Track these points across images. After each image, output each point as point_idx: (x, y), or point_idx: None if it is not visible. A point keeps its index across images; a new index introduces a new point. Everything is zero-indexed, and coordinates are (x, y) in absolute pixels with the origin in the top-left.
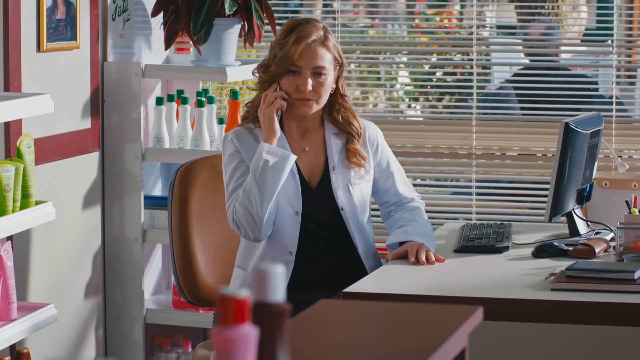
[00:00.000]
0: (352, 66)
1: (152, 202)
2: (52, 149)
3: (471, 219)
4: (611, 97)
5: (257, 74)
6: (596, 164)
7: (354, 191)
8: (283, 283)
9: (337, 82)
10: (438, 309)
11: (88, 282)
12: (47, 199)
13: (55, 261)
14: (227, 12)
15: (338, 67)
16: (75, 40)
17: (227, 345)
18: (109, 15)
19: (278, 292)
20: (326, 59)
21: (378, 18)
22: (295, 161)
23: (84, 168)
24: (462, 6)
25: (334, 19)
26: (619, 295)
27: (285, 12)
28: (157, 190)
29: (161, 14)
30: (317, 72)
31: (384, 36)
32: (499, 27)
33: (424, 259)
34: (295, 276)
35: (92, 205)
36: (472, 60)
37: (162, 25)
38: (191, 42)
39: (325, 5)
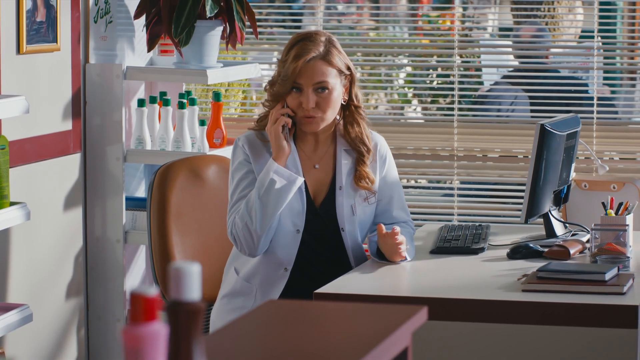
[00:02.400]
0: None
1: (134, 204)
2: (32, 150)
3: (453, 220)
4: (599, 98)
5: (266, 92)
6: (573, 165)
7: (358, 213)
8: (199, 282)
9: (350, 93)
10: (383, 308)
11: (69, 282)
12: (28, 200)
13: (36, 262)
14: (208, 14)
15: (347, 77)
16: (56, 42)
17: (136, 343)
18: (90, 18)
19: (194, 290)
20: (328, 73)
21: (367, 20)
22: (304, 179)
23: (65, 169)
24: (465, 8)
25: (339, 21)
26: (590, 297)
27: (291, 14)
28: (141, 192)
29: (144, 16)
30: (320, 88)
31: (378, 38)
32: (501, 29)
33: (399, 239)
34: (287, 290)
35: (73, 206)
36: (453, 62)
37: (145, 28)
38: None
39: (327, 8)
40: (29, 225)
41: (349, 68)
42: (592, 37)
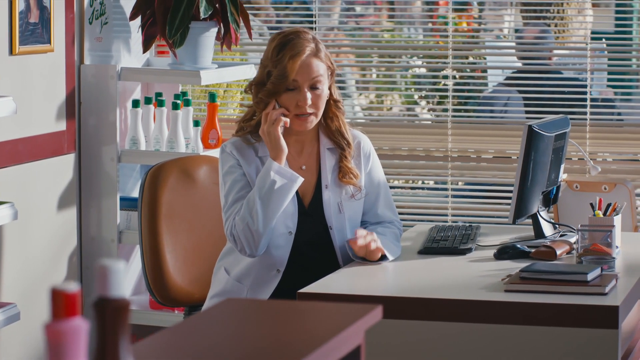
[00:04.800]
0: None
1: (128, 204)
2: (26, 150)
3: (447, 221)
4: (602, 99)
5: (250, 92)
6: (563, 166)
7: (345, 210)
8: (125, 278)
9: (330, 88)
10: (339, 307)
11: (64, 282)
12: (21, 200)
13: (30, 261)
14: (202, 15)
15: (330, 74)
16: (50, 43)
17: (57, 338)
18: (85, 19)
19: (120, 287)
20: (321, 69)
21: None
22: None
23: (60, 169)
24: (481, 10)
25: (357, 22)
26: (572, 297)
27: (309, 16)
28: (137, 192)
29: (139, 18)
30: (314, 86)
31: (376, 40)
32: (515, 31)
33: (373, 247)
34: (277, 290)
35: (67, 206)
36: (447, 64)
37: (140, 29)
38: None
39: (345, 9)
40: (22, 225)
41: (332, 64)
42: (587, 39)
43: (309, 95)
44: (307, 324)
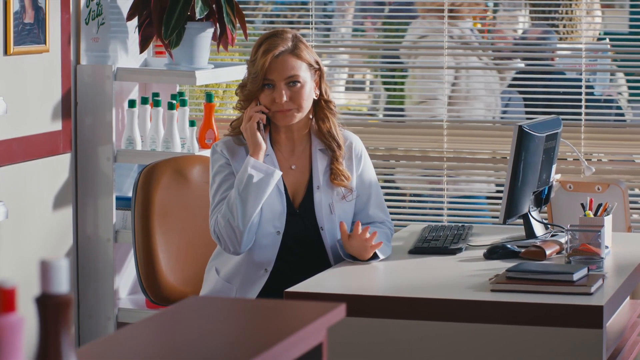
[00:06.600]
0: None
1: (124, 203)
2: (21, 150)
3: (442, 221)
4: (605, 100)
5: (238, 95)
6: (554, 166)
7: (336, 210)
8: (67, 274)
9: (320, 88)
10: (302, 305)
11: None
12: (16, 200)
13: (26, 261)
14: (198, 16)
15: (316, 72)
16: (45, 43)
17: None
18: (82, 19)
19: (62, 283)
20: (298, 67)
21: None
22: (283, 180)
23: (55, 169)
24: (495, 11)
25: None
26: (557, 297)
27: (325, 17)
28: None
29: (136, 18)
30: (291, 82)
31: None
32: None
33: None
34: (266, 290)
35: (63, 205)
36: (442, 65)
37: (137, 29)
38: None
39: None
40: (18, 225)
41: (317, 63)
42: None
43: (284, 91)
44: (268, 322)
